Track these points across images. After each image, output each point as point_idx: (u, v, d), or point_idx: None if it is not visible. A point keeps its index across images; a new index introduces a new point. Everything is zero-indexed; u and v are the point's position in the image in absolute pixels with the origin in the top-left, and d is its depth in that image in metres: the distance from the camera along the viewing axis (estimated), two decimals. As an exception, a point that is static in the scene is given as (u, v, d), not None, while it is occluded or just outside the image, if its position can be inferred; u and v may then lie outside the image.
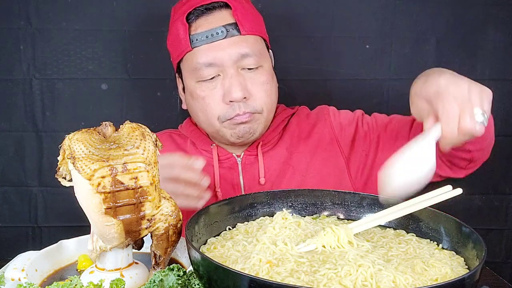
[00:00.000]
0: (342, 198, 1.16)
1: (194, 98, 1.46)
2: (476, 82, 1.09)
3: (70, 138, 0.91)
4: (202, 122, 1.48)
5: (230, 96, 1.40)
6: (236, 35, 1.41)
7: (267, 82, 1.45)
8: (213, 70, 1.41)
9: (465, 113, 1.03)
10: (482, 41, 1.87)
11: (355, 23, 1.85)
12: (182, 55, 1.45)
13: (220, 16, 1.43)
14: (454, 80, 1.07)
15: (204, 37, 1.40)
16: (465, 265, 0.96)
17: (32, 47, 1.82)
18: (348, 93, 1.89)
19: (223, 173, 1.51)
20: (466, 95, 1.04)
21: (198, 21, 1.43)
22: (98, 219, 0.89)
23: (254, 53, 1.42)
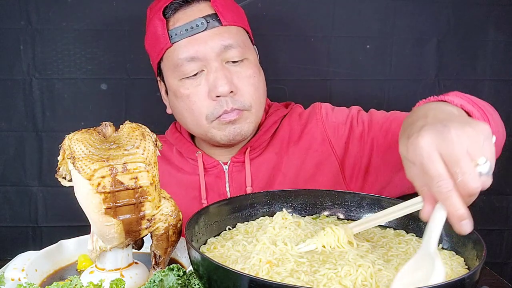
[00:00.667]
0: (342, 198, 1.16)
1: (178, 98, 1.38)
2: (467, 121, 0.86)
3: (70, 138, 0.91)
4: (189, 123, 1.40)
5: (216, 90, 1.32)
6: (217, 26, 1.34)
7: (253, 75, 1.38)
8: (196, 65, 1.34)
9: (464, 174, 0.79)
10: (483, 42, 1.86)
11: (355, 23, 1.85)
12: (162, 53, 1.38)
13: (199, 8, 1.36)
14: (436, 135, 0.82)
15: (184, 30, 1.33)
16: (465, 265, 0.96)
17: (32, 47, 1.82)
18: (348, 93, 1.88)
19: (209, 182, 1.45)
20: (457, 151, 0.80)
21: (176, 15, 1.36)
22: (98, 219, 0.89)
23: (238, 44, 1.35)
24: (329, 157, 1.45)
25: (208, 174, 1.46)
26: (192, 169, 1.48)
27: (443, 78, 1.87)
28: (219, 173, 1.46)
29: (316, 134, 1.47)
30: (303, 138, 1.48)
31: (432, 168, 0.80)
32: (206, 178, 1.45)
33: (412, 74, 1.88)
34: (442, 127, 0.82)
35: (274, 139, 1.48)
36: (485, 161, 0.80)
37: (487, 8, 1.84)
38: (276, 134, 1.49)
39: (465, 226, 0.82)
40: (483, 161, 0.80)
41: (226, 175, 1.45)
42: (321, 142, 1.46)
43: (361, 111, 1.50)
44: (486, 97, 1.72)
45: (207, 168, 1.46)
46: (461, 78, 1.88)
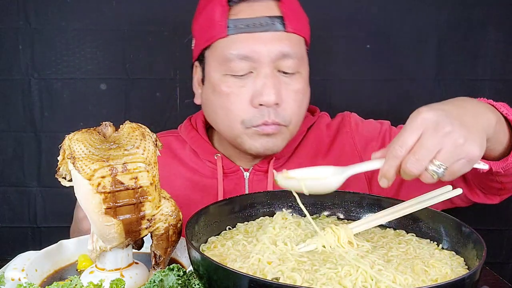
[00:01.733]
0: (342, 198, 1.16)
1: (216, 93, 1.28)
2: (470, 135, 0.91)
3: (70, 138, 0.91)
4: (220, 122, 1.31)
5: (260, 98, 1.23)
6: (280, 30, 1.24)
7: (302, 92, 1.29)
8: (246, 65, 1.24)
9: (414, 156, 0.89)
10: (483, 41, 1.87)
11: (355, 23, 1.85)
12: (212, 41, 1.26)
13: (266, 5, 1.26)
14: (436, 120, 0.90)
15: (245, 25, 1.23)
16: (465, 265, 0.96)
17: (30, 47, 1.82)
18: (348, 93, 1.89)
19: (227, 188, 1.36)
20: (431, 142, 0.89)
21: (240, 6, 1.25)
22: (98, 219, 0.89)
23: (296, 55, 1.26)
24: (358, 174, 1.39)
25: (227, 179, 1.38)
26: (209, 172, 1.39)
27: (443, 78, 1.88)
28: (239, 179, 1.38)
29: (346, 147, 1.41)
30: (332, 151, 1.41)
31: (406, 134, 0.91)
32: (225, 183, 1.37)
33: (412, 74, 1.88)
34: (447, 119, 0.90)
35: (299, 149, 1.41)
36: (442, 169, 0.90)
37: (487, 8, 1.84)
38: (301, 144, 1.41)
39: (383, 182, 0.96)
40: (441, 167, 0.89)
41: (246, 183, 1.38)
42: (350, 156, 1.40)
43: (392, 127, 1.45)
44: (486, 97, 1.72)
45: (226, 172, 1.38)
46: (461, 78, 1.88)
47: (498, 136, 1.08)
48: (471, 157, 0.91)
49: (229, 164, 1.38)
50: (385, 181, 0.96)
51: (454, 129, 0.89)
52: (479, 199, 1.34)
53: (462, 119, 0.93)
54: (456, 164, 0.90)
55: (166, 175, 1.37)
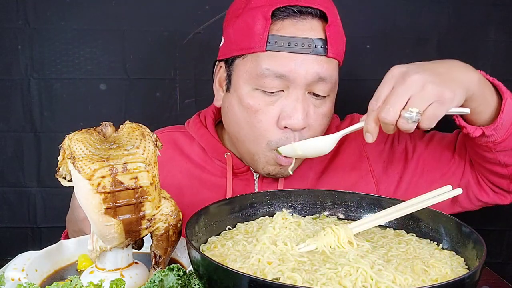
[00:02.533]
0: (342, 198, 1.16)
1: (243, 106, 1.24)
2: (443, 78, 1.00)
3: (70, 138, 0.91)
4: (244, 135, 1.27)
5: (288, 120, 1.20)
6: (321, 54, 1.20)
7: (328, 115, 1.27)
8: (280, 84, 1.20)
9: (387, 105, 0.99)
10: (483, 41, 1.87)
11: (355, 23, 1.85)
12: (248, 52, 1.21)
13: (311, 25, 1.20)
14: (406, 71, 1.01)
15: (286, 43, 1.18)
16: (465, 265, 0.96)
17: (30, 47, 1.82)
18: (348, 93, 1.88)
19: (236, 188, 1.35)
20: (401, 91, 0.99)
21: (284, 22, 1.19)
22: (98, 219, 0.89)
23: (331, 80, 1.23)
24: (366, 176, 1.39)
25: (236, 179, 1.36)
26: (218, 171, 1.38)
27: (443, 78, 1.88)
28: (248, 180, 1.36)
29: (354, 150, 1.40)
30: (340, 155, 1.40)
31: (379, 89, 1.04)
32: (234, 183, 1.35)
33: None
34: (416, 68, 1.01)
35: None
36: (415, 113, 0.97)
37: (487, 8, 1.84)
38: None
39: (367, 137, 1.04)
40: (413, 111, 0.97)
41: (255, 184, 1.36)
42: (358, 159, 1.40)
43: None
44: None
45: (236, 172, 1.36)
46: (461, 78, 1.88)
47: (484, 96, 1.11)
48: (442, 98, 0.98)
49: (239, 164, 1.36)
50: (369, 135, 1.03)
51: (423, 76, 0.99)
52: (488, 198, 1.33)
53: (434, 70, 1.02)
54: (430, 108, 0.97)
55: (172, 172, 1.38)
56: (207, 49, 1.80)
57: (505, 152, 1.19)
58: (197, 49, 1.83)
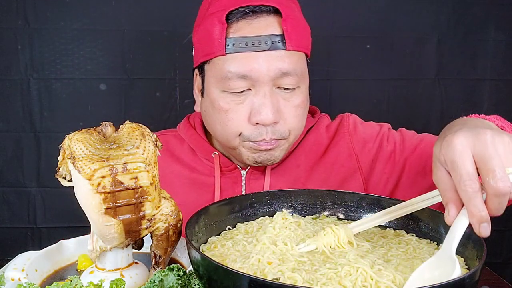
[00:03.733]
0: (342, 198, 1.16)
1: (215, 109, 1.27)
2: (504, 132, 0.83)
3: (70, 138, 0.91)
4: (219, 135, 1.31)
5: (258, 117, 1.22)
6: (280, 49, 1.21)
7: (301, 106, 1.28)
8: (245, 83, 1.22)
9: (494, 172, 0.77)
10: (483, 41, 1.87)
11: (355, 23, 1.86)
12: (210, 57, 1.25)
13: (266, 22, 1.22)
14: (472, 136, 0.80)
15: (244, 44, 1.20)
16: (465, 265, 0.96)
17: (30, 47, 1.82)
18: (348, 93, 1.89)
19: (224, 186, 1.37)
20: (490, 151, 0.78)
21: (239, 23, 1.22)
22: (98, 219, 0.89)
23: (296, 72, 1.23)
24: (354, 173, 1.39)
25: (224, 177, 1.39)
26: (206, 170, 1.41)
27: (443, 78, 1.88)
28: (236, 178, 1.39)
29: (342, 148, 1.40)
30: (329, 152, 1.40)
31: (462, 166, 0.79)
32: (222, 181, 1.38)
33: (412, 74, 1.88)
34: (478, 130, 0.82)
35: (298, 150, 1.40)
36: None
37: (487, 8, 1.85)
38: (300, 146, 1.41)
39: (485, 228, 0.80)
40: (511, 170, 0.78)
41: (243, 181, 1.38)
42: (347, 157, 1.40)
43: (391, 130, 1.43)
44: (486, 96, 1.72)
45: (223, 171, 1.39)
46: (461, 78, 1.88)
47: None
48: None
49: (226, 162, 1.39)
50: (486, 225, 0.80)
51: (492, 132, 0.82)
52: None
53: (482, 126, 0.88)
54: None
55: (163, 174, 1.38)
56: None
57: None
58: (197, 49, 1.83)
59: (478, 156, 0.79)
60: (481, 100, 1.89)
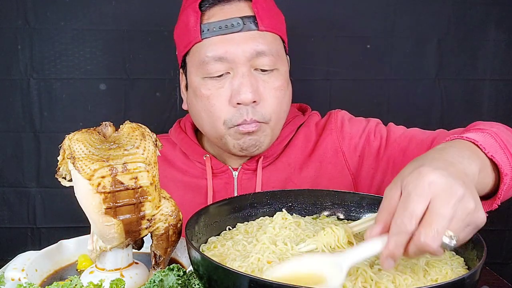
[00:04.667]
0: (342, 198, 1.16)
1: (197, 97, 1.31)
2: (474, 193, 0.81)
3: (70, 138, 0.91)
4: (205, 125, 1.33)
5: (238, 97, 1.25)
6: (253, 29, 1.26)
7: (281, 88, 1.30)
8: (222, 66, 1.26)
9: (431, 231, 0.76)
10: (483, 41, 1.87)
11: (355, 23, 1.86)
12: (189, 47, 1.30)
13: (238, 7, 1.28)
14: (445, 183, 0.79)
15: (217, 27, 1.25)
16: (465, 265, 0.96)
17: (30, 47, 1.82)
18: (348, 93, 1.89)
19: (217, 188, 1.39)
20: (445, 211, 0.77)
21: (212, 10, 1.28)
22: (98, 219, 0.89)
23: (271, 52, 1.27)
24: (342, 170, 1.40)
25: (216, 179, 1.40)
26: (198, 173, 1.42)
27: (443, 78, 1.88)
28: (228, 178, 1.40)
29: (329, 145, 1.41)
30: (317, 149, 1.41)
31: (413, 204, 0.78)
32: (214, 183, 1.39)
33: (412, 74, 1.88)
34: (454, 180, 0.79)
35: (288, 148, 1.42)
36: (455, 240, 0.79)
37: (487, 8, 1.84)
38: (291, 143, 1.42)
39: (389, 263, 0.80)
40: (453, 238, 0.79)
41: (235, 182, 1.40)
42: (334, 154, 1.40)
43: (380, 125, 1.43)
44: (486, 96, 1.72)
45: (215, 172, 1.40)
46: (462, 78, 1.88)
47: (482, 182, 0.99)
48: (478, 224, 0.82)
49: (218, 164, 1.40)
50: (392, 262, 0.80)
51: (465, 192, 0.79)
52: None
53: (463, 178, 0.83)
54: (463, 232, 0.81)
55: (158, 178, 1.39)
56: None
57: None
58: (197, 49, 1.83)
59: (433, 206, 0.78)
60: (481, 100, 1.89)
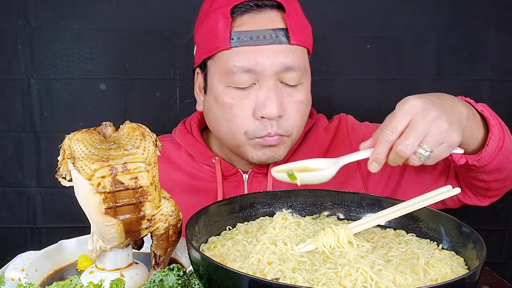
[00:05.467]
0: (342, 198, 1.16)
1: (219, 104, 1.27)
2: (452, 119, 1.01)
3: (70, 138, 0.91)
4: (224, 132, 1.30)
5: (263, 111, 1.22)
6: (284, 42, 1.22)
7: (304, 102, 1.28)
8: (249, 77, 1.22)
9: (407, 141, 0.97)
10: (483, 41, 1.87)
11: (355, 23, 1.85)
12: (215, 52, 1.25)
13: (270, 16, 1.24)
14: (424, 107, 0.98)
15: (248, 37, 1.21)
16: (465, 265, 0.96)
17: (30, 47, 1.82)
18: (348, 93, 1.89)
19: (227, 191, 1.36)
20: (421, 127, 0.97)
21: (243, 18, 1.23)
22: (98, 219, 0.89)
23: (299, 67, 1.25)
24: (354, 174, 1.40)
25: (226, 182, 1.37)
26: (207, 176, 1.39)
27: (443, 78, 1.88)
28: (238, 182, 1.38)
29: (343, 150, 1.36)
30: (329, 154, 1.40)
31: (395, 120, 0.98)
32: (224, 186, 1.36)
33: (412, 74, 1.88)
34: (433, 106, 0.99)
35: (298, 152, 1.41)
36: (428, 152, 0.99)
37: (487, 8, 1.84)
38: (301, 147, 1.41)
39: (374, 166, 1.03)
40: (427, 149, 0.99)
41: (245, 185, 1.38)
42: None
43: None
44: (486, 97, 1.72)
45: (225, 175, 1.38)
46: (461, 78, 1.88)
47: (472, 130, 1.14)
48: (452, 142, 1.01)
49: (227, 167, 1.38)
50: (376, 165, 1.02)
51: (440, 115, 0.98)
52: (470, 200, 1.37)
53: (444, 108, 1.01)
54: (439, 148, 1.00)
55: (162, 181, 1.38)
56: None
57: (486, 172, 1.24)
58: (197, 49, 1.83)
59: (412, 122, 0.97)
60: (481, 100, 1.86)
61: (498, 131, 1.18)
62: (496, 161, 1.20)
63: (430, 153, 0.99)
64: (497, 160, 1.20)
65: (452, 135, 1.00)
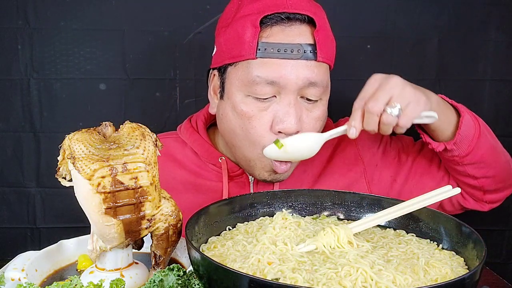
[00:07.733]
0: (342, 198, 1.16)
1: (237, 113, 1.24)
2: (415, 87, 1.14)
3: (70, 138, 0.91)
4: (239, 141, 1.27)
5: (281, 125, 1.20)
6: (311, 59, 1.20)
7: (321, 118, 1.27)
8: (271, 90, 1.20)
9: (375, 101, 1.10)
10: (483, 41, 1.86)
11: (355, 23, 1.85)
12: (239, 59, 1.22)
13: (299, 30, 1.21)
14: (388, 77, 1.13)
15: (276, 50, 1.19)
16: (465, 265, 0.96)
17: (30, 46, 1.81)
18: (348, 93, 1.88)
19: (232, 191, 1.35)
20: (387, 88, 1.10)
21: (273, 29, 1.20)
22: (98, 219, 0.89)
23: (322, 84, 1.23)
24: (359, 178, 1.41)
25: (232, 182, 1.37)
26: (213, 175, 1.38)
27: (443, 78, 1.87)
28: (244, 183, 1.37)
29: (349, 153, 1.42)
30: (336, 157, 1.42)
31: (364, 89, 1.14)
32: (229, 186, 1.36)
33: (412, 74, 1.87)
34: (395, 76, 1.13)
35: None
36: (398, 108, 1.09)
37: (487, 8, 1.84)
38: None
39: (352, 132, 1.15)
40: (395, 105, 1.09)
41: (251, 186, 1.37)
42: (354, 162, 1.41)
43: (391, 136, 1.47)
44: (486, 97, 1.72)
45: (231, 176, 1.36)
46: (462, 78, 1.88)
47: (446, 114, 1.24)
48: (418, 100, 1.12)
49: (234, 167, 1.36)
50: (354, 130, 1.14)
51: (403, 81, 1.12)
52: (469, 205, 1.40)
53: (411, 84, 1.15)
54: (408, 107, 1.10)
55: (165, 179, 1.37)
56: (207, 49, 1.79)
57: (472, 165, 1.30)
58: (197, 49, 1.82)
59: (380, 86, 1.12)
60: (482, 100, 1.88)
61: (473, 122, 1.26)
62: (478, 152, 1.26)
63: (399, 110, 1.09)
64: (478, 151, 1.26)
65: (419, 95, 1.12)
